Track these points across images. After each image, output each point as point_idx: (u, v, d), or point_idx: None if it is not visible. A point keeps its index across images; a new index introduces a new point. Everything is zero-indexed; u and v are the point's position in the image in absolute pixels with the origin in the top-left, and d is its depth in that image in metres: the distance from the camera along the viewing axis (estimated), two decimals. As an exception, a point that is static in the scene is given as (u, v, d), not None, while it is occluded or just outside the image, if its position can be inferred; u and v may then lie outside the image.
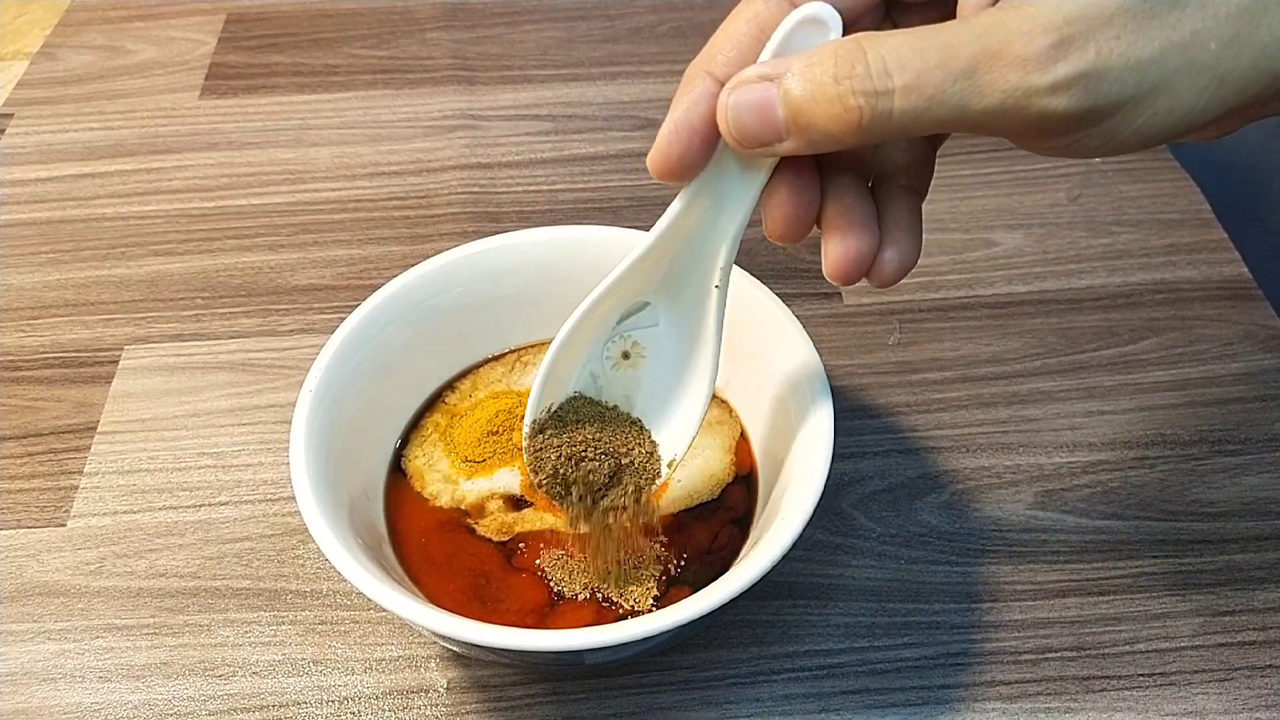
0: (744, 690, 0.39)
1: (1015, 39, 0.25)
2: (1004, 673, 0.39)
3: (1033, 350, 0.50)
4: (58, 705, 0.39)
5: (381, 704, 0.38)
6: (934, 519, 0.44)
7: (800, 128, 0.27)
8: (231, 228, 0.57)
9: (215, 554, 0.43)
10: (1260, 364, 0.49)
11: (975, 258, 0.54)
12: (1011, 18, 0.25)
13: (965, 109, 0.26)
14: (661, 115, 0.30)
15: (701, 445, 0.42)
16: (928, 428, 0.47)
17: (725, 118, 0.28)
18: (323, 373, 0.39)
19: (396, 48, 0.69)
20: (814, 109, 0.27)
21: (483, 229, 0.56)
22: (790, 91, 0.27)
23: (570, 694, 0.39)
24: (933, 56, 0.26)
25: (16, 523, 0.44)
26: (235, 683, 0.39)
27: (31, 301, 0.53)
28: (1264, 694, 0.38)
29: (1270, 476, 0.45)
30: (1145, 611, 0.41)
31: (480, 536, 0.39)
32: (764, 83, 0.27)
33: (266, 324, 0.52)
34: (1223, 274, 0.53)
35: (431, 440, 0.42)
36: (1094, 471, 0.45)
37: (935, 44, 0.26)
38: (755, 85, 0.27)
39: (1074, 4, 0.25)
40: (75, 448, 0.47)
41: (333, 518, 0.35)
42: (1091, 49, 0.25)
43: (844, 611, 0.41)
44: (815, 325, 0.41)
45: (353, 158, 0.61)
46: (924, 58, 0.26)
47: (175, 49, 0.69)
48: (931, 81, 0.25)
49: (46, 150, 0.62)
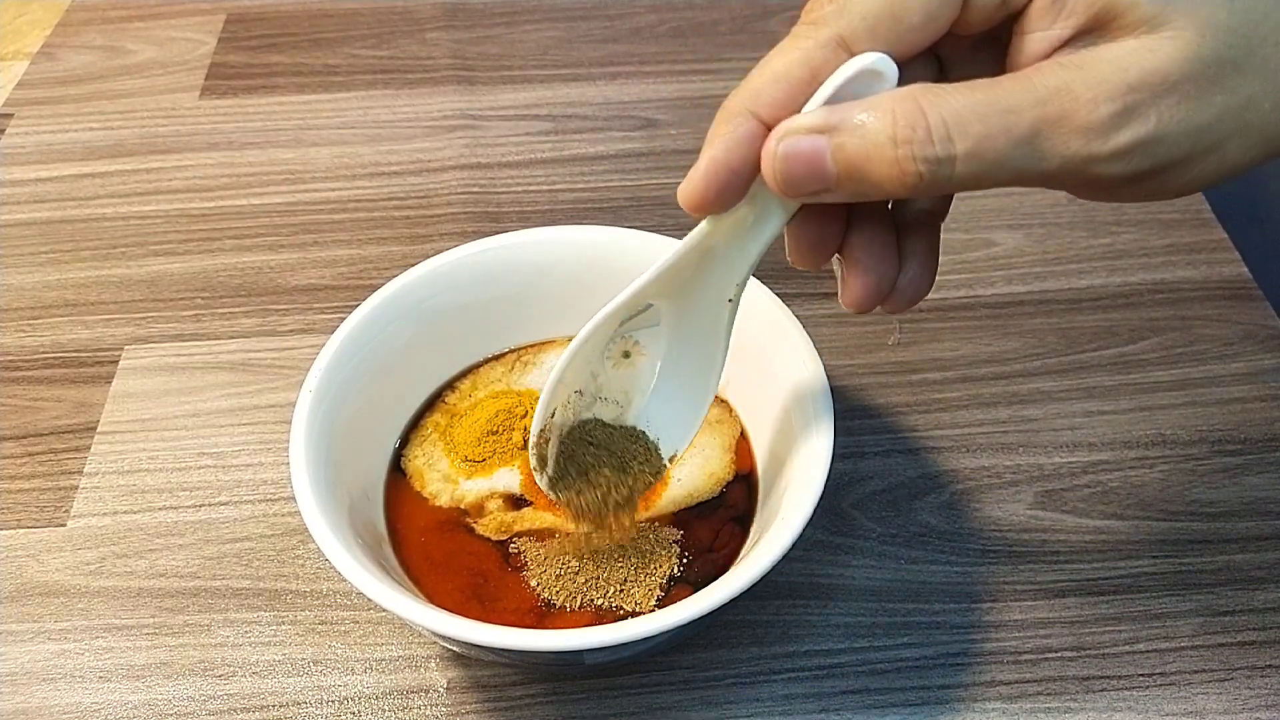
0: (744, 690, 0.39)
1: (1079, 107, 0.25)
2: (1004, 673, 0.39)
3: (1033, 350, 0.50)
4: (58, 705, 0.39)
5: (381, 704, 0.38)
6: (934, 519, 0.44)
7: (851, 183, 0.26)
8: (231, 228, 0.57)
9: (215, 554, 0.43)
10: (1260, 364, 0.49)
11: (975, 258, 0.54)
12: (1075, 81, 0.25)
13: (1024, 172, 0.25)
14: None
15: (702, 444, 0.42)
16: (928, 428, 0.47)
17: (772, 165, 0.27)
18: (323, 373, 0.39)
19: (396, 48, 0.69)
20: (868, 167, 0.26)
21: (483, 229, 0.56)
22: (844, 148, 0.26)
23: (570, 694, 0.39)
24: (995, 122, 0.25)
25: (16, 523, 0.44)
26: (235, 683, 0.39)
27: (31, 301, 0.53)
28: (1264, 694, 0.38)
29: (1270, 476, 0.45)
30: (1145, 611, 0.41)
31: (479, 536, 0.39)
32: (816, 135, 0.26)
33: (266, 324, 0.52)
34: (1223, 274, 0.53)
35: (431, 440, 0.42)
36: (1094, 471, 0.45)
37: (997, 107, 0.25)
38: (806, 137, 0.26)
39: (1138, 69, 0.25)
40: (75, 448, 0.47)
41: (333, 518, 0.35)
42: (1153, 117, 0.25)
43: (844, 611, 0.41)
44: (815, 325, 0.41)
45: (352, 158, 0.61)
46: (986, 123, 0.25)
47: (175, 49, 0.69)
48: (993, 148, 0.25)
49: (46, 150, 0.62)
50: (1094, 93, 0.25)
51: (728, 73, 0.65)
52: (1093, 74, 0.25)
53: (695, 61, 0.66)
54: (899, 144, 0.25)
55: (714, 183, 0.28)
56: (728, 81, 0.64)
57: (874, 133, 0.25)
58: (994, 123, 0.25)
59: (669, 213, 0.57)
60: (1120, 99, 0.25)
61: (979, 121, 0.25)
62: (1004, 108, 0.25)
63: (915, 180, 0.25)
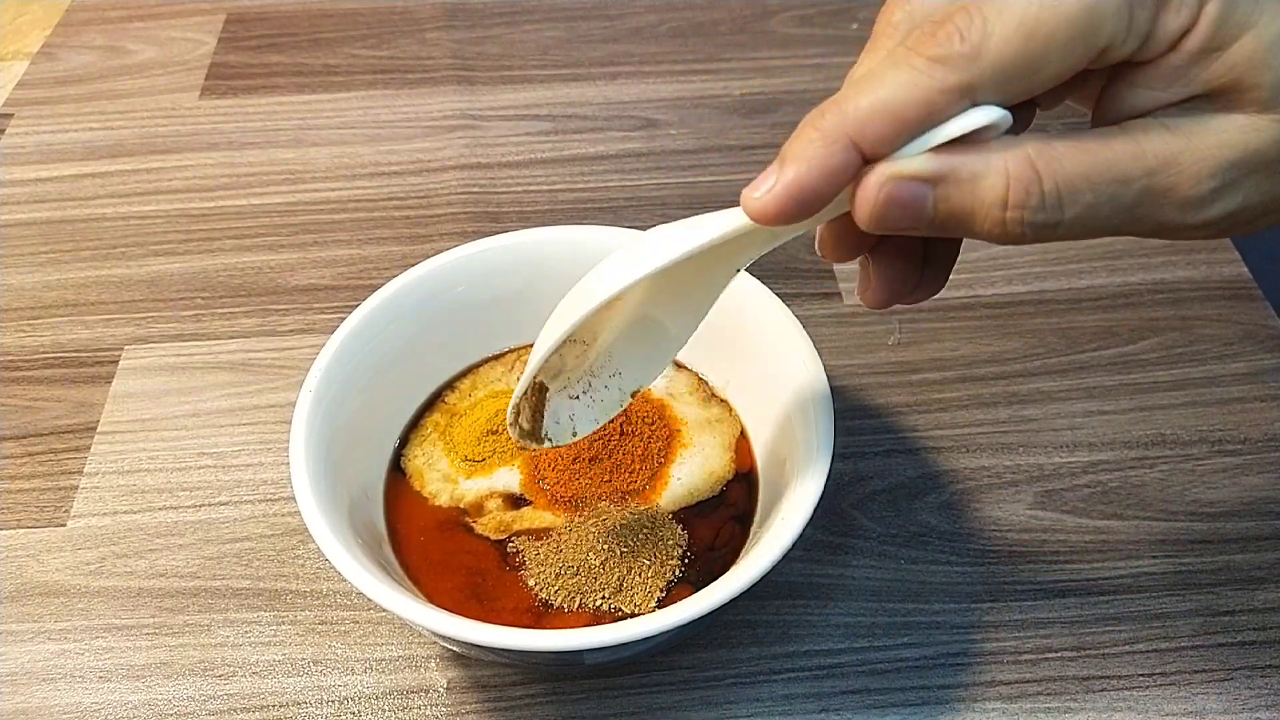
0: (744, 690, 0.39)
1: (1184, 181, 0.25)
2: (1004, 673, 0.39)
3: (1033, 350, 0.50)
4: (58, 705, 0.39)
5: (381, 704, 0.38)
6: (934, 519, 0.44)
7: (946, 230, 0.26)
8: (231, 228, 0.57)
9: (215, 554, 0.43)
10: (1260, 364, 0.49)
11: (975, 258, 0.54)
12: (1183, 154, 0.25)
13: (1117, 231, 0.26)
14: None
15: (702, 444, 0.42)
16: (928, 428, 0.47)
17: (871, 206, 0.26)
18: (322, 373, 0.39)
19: (396, 48, 0.69)
20: (970, 221, 0.26)
21: (483, 229, 0.56)
22: (949, 199, 0.26)
23: (570, 694, 0.39)
24: (1104, 190, 0.25)
25: (16, 523, 0.44)
26: (235, 683, 0.39)
27: (31, 301, 0.53)
28: (1264, 694, 0.38)
29: (1270, 476, 0.45)
30: (1145, 611, 0.41)
31: (478, 535, 0.39)
32: (921, 184, 0.26)
33: (266, 324, 0.52)
34: (1223, 274, 0.53)
35: (431, 440, 0.42)
36: (1094, 471, 0.45)
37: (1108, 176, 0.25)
38: (911, 184, 0.26)
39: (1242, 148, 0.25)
40: (75, 448, 0.47)
41: (332, 517, 0.35)
42: (1242, 193, 0.25)
43: (844, 611, 0.41)
44: (815, 325, 0.41)
45: (352, 158, 0.61)
46: (1096, 192, 0.25)
47: (175, 49, 0.69)
48: (1099, 215, 0.25)
49: (46, 150, 0.62)
50: (1198, 169, 0.25)
51: (728, 73, 0.65)
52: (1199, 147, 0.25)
53: (695, 61, 0.66)
54: (1009, 208, 0.25)
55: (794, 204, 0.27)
56: (727, 81, 0.64)
57: (985, 191, 0.25)
58: (1104, 191, 0.25)
59: (669, 212, 0.57)
60: (1222, 176, 0.25)
61: (1090, 191, 0.25)
62: (1115, 177, 0.25)
63: (1017, 238, 0.26)
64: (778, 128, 0.62)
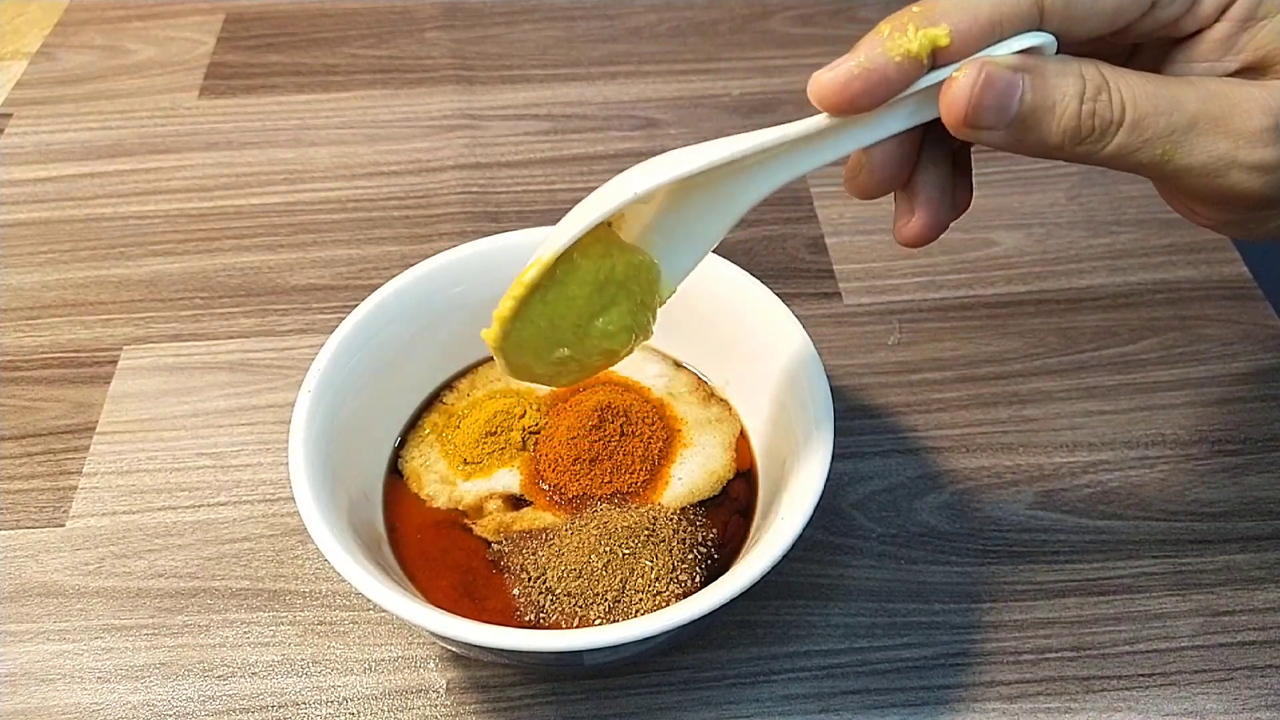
0: (744, 690, 0.39)
1: (1237, 113, 0.27)
2: (1004, 673, 0.39)
3: (1032, 350, 0.50)
4: (57, 705, 0.38)
5: (381, 704, 0.38)
6: (934, 519, 0.44)
7: (1025, 127, 0.28)
8: (230, 228, 0.57)
9: (214, 554, 0.43)
10: (1260, 364, 0.49)
11: (975, 258, 0.54)
12: (1236, 92, 0.27)
13: (1168, 161, 0.28)
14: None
15: (702, 443, 0.42)
16: (928, 428, 0.47)
17: (967, 92, 0.27)
18: (321, 373, 0.38)
19: (395, 47, 0.69)
20: (1048, 117, 0.28)
21: (482, 229, 0.56)
22: (1038, 89, 0.27)
23: (570, 694, 0.39)
24: (1162, 103, 0.27)
25: (15, 523, 0.44)
26: (234, 683, 0.39)
27: (31, 301, 0.53)
28: (1264, 694, 0.38)
29: (1270, 476, 0.45)
30: (1145, 611, 0.41)
31: (476, 535, 0.39)
32: (1015, 73, 0.27)
33: (265, 324, 0.52)
34: (1223, 274, 0.53)
35: (429, 441, 0.42)
36: (1094, 471, 0.45)
37: (1165, 94, 0.27)
38: (1006, 72, 0.27)
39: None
40: (74, 448, 0.47)
41: (332, 518, 0.35)
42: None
43: (844, 611, 0.41)
44: (815, 325, 0.41)
45: (351, 158, 0.61)
46: (1153, 103, 0.27)
47: (174, 49, 0.69)
48: (1152, 127, 0.27)
49: (46, 150, 0.62)
50: (1252, 105, 0.27)
51: (727, 72, 0.65)
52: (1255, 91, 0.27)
53: (695, 61, 0.66)
54: (1085, 99, 0.27)
55: (863, 86, 0.27)
56: (727, 81, 0.64)
57: (1066, 85, 0.27)
58: (1161, 103, 0.27)
59: (668, 212, 0.57)
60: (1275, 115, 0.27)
61: (1148, 100, 0.27)
62: (1170, 96, 0.27)
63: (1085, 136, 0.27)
64: (777, 127, 0.62)
